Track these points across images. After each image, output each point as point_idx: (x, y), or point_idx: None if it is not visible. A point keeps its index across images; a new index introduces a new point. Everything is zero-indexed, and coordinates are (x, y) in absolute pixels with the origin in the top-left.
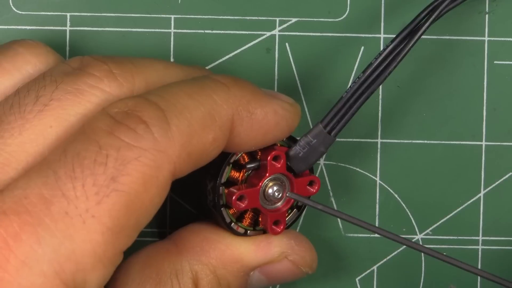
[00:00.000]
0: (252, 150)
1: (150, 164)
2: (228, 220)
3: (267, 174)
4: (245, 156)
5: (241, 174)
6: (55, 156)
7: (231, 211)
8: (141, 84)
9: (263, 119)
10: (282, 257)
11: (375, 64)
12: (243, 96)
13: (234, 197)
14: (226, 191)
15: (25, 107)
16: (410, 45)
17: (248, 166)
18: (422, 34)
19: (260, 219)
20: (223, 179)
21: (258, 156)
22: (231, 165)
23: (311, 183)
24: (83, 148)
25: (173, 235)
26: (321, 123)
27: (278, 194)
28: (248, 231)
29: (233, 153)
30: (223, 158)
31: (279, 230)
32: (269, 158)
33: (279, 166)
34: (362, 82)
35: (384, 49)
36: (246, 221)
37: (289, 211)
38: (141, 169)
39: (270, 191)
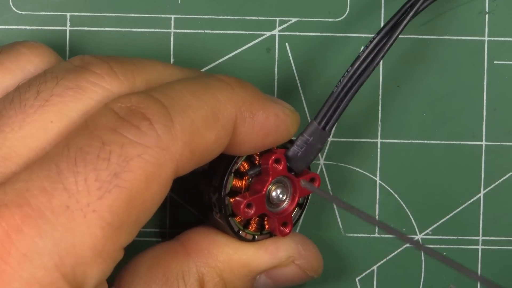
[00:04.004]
0: (251, 154)
1: (152, 161)
2: (236, 229)
3: (270, 179)
4: (245, 164)
5: (243, 182)
6: (58, 150)
7: (237, 219)
8: (142, 83)
9: (264, 121)
10: (289, 261)
11: (363, 57)
12: (247, 97)
13: (242, 206)
14: (231, 200)
15: (26, 102)
16: (394, 36)
17: (250, 172)
18: (405, 26)
19: (266, 222)
20: (227, 190)
21: (257, 162)
22: (232, 174)
23: (312, 181)
24: (86, 143)
25: (181, 236)
26: (315, 120)
27: (283, 196)
28: (256, 236)
29: (234, 162)
30: (225, 168)
31: (287, 231)
32: (270, 162)
33: (281, 168)
34: (351, 75)
35: (371, 42)
36: (253, 227)
37: None
38: (143, 166)
39: (274, 194)
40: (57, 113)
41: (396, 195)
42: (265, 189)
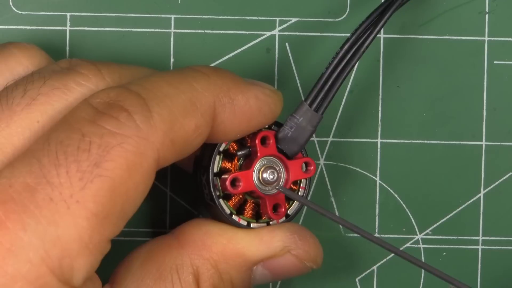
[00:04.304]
0: (239, 138)
1: (133, 150)
2: (228, 211)
3: (258, 155)
4: (234, 145)
5: (234, 164)
6: (39, 145)
7: (230, 203)
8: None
9: (245, 105)
10: (285, 251)
11: (352, 39)
12: (224, 83)
13: (228, 181)
14: (220, 181)
15: (13, 100)
16: (385, 19)
17: (239, 153)
18: (394, 11)
19: (261, 210)
20: (216, 169)
21: (248, 144)
22: (221, 154)
23: (306, 165)
24: (66, 136)
25: (175, 229)
26: (305, 101)
27: (273, 177)
28: (251, 224)
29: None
30: (212, 148)
31: (280, 213)
32: (257, 139)
33: (269, 147)
34: (341, 58)
35: (360, 25)
36: (248, 213)
37: (290, 202)
38: (124, 155)
39: (265, 175)
40: (43, 113)
41: (396, 195)
42: (253, 166)
